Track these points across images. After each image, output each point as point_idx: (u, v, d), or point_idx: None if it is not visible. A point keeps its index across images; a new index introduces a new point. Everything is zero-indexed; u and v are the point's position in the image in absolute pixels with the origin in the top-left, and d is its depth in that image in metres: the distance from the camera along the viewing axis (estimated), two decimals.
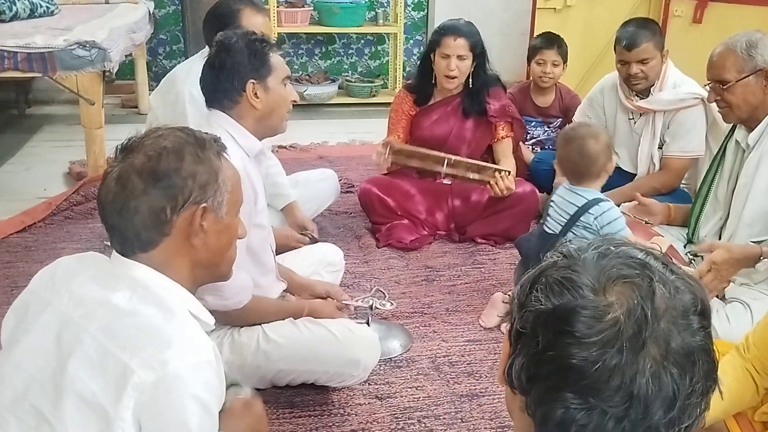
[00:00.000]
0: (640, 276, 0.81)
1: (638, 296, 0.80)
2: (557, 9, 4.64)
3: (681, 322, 0.80)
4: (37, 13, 3.95)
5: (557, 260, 0.87)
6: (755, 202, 2.28)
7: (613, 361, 0.77)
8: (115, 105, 5.13)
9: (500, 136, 3.16)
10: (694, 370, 0.80)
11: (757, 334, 1.59)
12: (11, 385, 1.19)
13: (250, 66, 1.90)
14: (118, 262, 1.28)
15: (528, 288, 0.86)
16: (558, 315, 0.80)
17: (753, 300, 2.21)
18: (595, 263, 0.83)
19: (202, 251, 1.30)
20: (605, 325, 0.78)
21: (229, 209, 1.33)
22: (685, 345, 0.79)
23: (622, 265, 0.82)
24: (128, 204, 1.23)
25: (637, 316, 0.79)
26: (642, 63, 2.94)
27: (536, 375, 0.82)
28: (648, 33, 2.94)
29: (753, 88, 2.26)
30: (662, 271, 0.83)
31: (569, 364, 0.78)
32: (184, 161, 1.26)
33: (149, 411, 1.12)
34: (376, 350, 2.06)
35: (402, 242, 3.02)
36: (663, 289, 0.81)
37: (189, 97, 2.60)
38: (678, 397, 0.78)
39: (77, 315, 1.19)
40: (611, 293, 0.80)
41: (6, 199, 3.48)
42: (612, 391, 0.77)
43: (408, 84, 3.35)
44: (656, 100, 3.02)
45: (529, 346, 0.83)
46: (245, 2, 2.63)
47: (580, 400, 0.78)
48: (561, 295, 0.81)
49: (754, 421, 1.60)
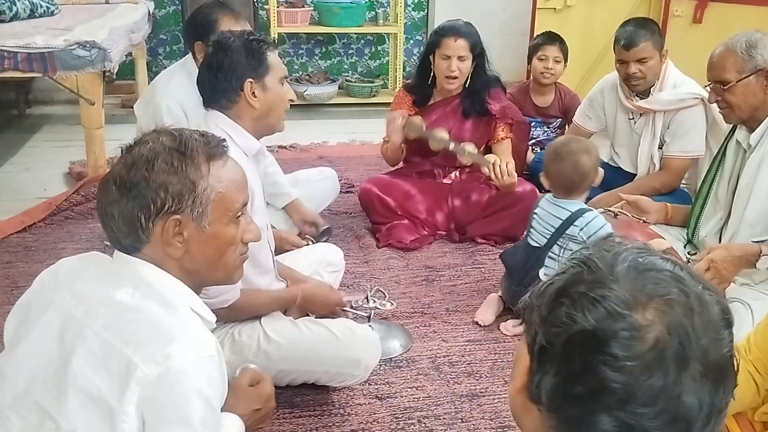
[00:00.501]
0: (678, 291, 0.78)
1: (678, 313, 0.76)
2: (557, 9, 4.64)
3: (715, 336, 0.78)
4: (37, 13, 3.95)
5: (580, 271, 0.81)
6: (757, 202, 2.28)
7: (657, 383, 0.74)
8: (116, 105, 5.13)
9: (500, 138, 3.16)
10: (726, 384, 0.78)
11: (759, 334, 1.59)
12: (14, 383, 1.20)
13: (247, 65, 1.90)
14: (120, 260, 1.29)
15: (552, 301, 0.81)
16: (595, 336, 0.75)
17: (754, 300, 2.21)
18: (629, 278, 0.78)
19: (185, 260, 1.29)
20: (646, 345, 0.75)
21: (216, 218, 1.29)
22: (719, 359, 0.77)
23: (658, 280, 0.78)
24: (107, 209, 1.26)
25: (679, 334, 0.75)
26: (640, 62, 2.95)
27: (571, 396, 0.77)
28: (646, 32, 2.95)
29: (753, 88, 2.26)
30: (693, 283, 0.80)
31: (609, 388, 0.74)
32: (155, 171, 1.24)
33: (152, 405, 1.13)
34: (376, 350, 2.06)
35: (402, 242, 3.02)
36: (697, 303, 0.78)
37: (166, 110, 2.62)
38: (713, 412, 0.77)
39: (80, 312, 1.20)
40: (650, 311, 0.76)
41: (6, 199, 3.48)
42: (655, 414, 0.75)
43: (407, 84, 3.35)
44: (656, 100, 3.02)
45: (560, 366, 0.78)
46: (224, 11, 2.64)
47: (619, 423, 0.75)
48: (596, 313, 0.76)
49: (754, 421, 1.59)
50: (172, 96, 2.62)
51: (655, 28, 3.05)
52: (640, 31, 2.94)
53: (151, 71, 5.30)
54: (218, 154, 1.31)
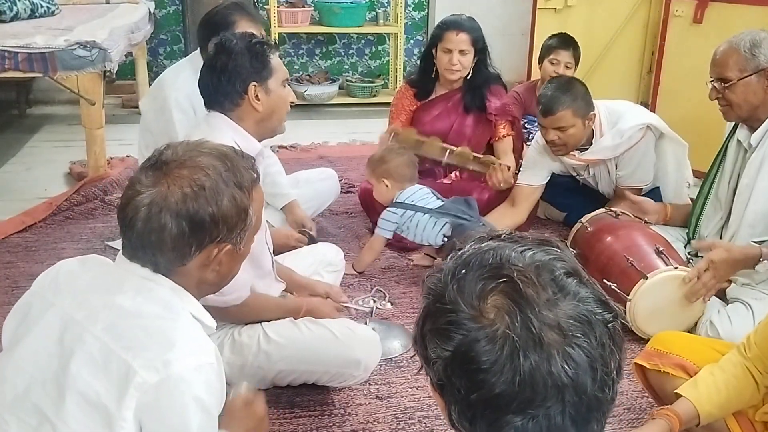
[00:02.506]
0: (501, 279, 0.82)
1: (509, 300, 0.81)
2: (557, 9, 4.63)
3: (558, 294, 0.82)
4: (37, 13, 3.95)
5: (428, 303, 0.88)
6: (757, 203, 2.28)
7: (525, 370, 0.78)
8: (116, 105, 5.13)
9: (501, 135, 3.16)
10: (594, 328, 0.81)
11: (759, 333, 1.59)
12: (12, 385, 1.19)
13: (251, 68, 1.90)
14: (123, 264, 1.28)
15: (421, 340, 0.88)
16: (460, 358, 0.81)
17: (754, 300, 2.21)
18: (460, 292, 0.83)
19: (211, 275, 1.31)
20: (501, 342, 0.79)
21: (248, 240, 1.34)
22: (575, 313, 0.81)
23: (480, 279, 0.83)
24: (156, 236, 1.22)
25: (518, 318, 0.80)
26: (560, 130, 2.74)
27: (474, 416, 0.83)
28: (567, 99, 2.70)
29: (754, 88, 2.26)
30: (516, 257, 0.84)
31: (495, 394, 0.79)
32: (221, 207, 1.24)
33: (151, 411, 1.12)
34: (376, 350, 2.06)
35: (402, 242, 3.02)
36: (525, 278, 0.82)
37: (175, 103, 2.61)
38: (595, 360, 0.80)
39: (80, 316, 1.20)
40: (488, 311, 0.81)
41: (6, 200, 3.49)
42: (542, 393, 0.79)
43: (410, 78, 3.36)
44: (601, 149, 2.83)
45: (454, 395, 0.84)
46: (242, 13, 2.63)
47: (521, 415, 0.80)
48: (451, 339, 0.82)
49: (755, 420, 1.60)
50: (181, 90, 2.62)
51: (579, 91, 2.76)
52: (561, 97, 2.70)
53: (152, 71, 5.30)
54: (258, 178, 1.35)
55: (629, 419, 2.02)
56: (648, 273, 2.29)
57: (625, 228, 2.55)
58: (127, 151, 4.04)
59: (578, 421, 0.81)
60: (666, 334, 1.88)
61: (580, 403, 0.80)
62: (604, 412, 0.83)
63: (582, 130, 2.77)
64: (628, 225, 2.58)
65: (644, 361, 1.79)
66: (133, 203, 1.22)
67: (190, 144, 1.31)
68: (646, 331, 2.31)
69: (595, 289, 0.85)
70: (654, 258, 2.35)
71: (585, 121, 2.76)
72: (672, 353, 1.75)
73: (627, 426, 1.99)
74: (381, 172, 2.72)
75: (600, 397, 0.81)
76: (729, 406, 1.58)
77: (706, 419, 1.55)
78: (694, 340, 1.92)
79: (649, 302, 2.29)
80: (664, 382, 1.74)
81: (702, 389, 1.56)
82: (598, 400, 0.81)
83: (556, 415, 0.80)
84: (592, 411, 0.81)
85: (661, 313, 2.29)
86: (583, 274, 0.86)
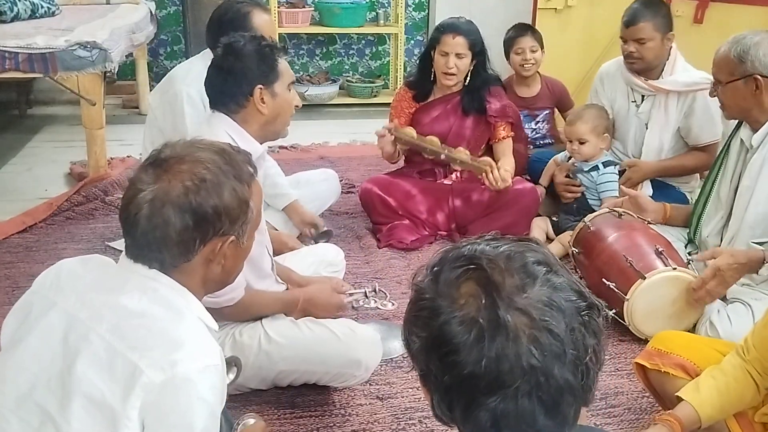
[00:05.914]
0: (471, 267, 0.88)
1: (477, 285, 0.86)
2: (558, 9, 4.63)
3: (527, 280, 0.86)
4: (38, 13, 3.95)
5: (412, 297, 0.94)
6: (758, 204, 2.28)
7: (492, 351, 0.82)
8: (116, 105, 5.13)
9: (500, 137, 3.16)
10: (565, 314, 0.84)
11: (756, 335, 1.59)
12: (15, 385, 1.19)
13: (258, 71, 1.90)
14: (126, 265, 1.27)
15: (407, 333, 0.93)
16: (433, 341, 0.87)
17: (754, 300, 2.21)
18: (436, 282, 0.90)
19: (216, 271, 1.32)
20: (469, 325, 0.84)
21: (250, 234, 1.35)
22: (544, 299, 0.84)
23: (453, 269, 0.89)
24: (159, 231, 1.22)
25: (485, 302, 0.84)
26: (638, 42, 2.88)
27: (451, 401, 0.87)
28: (649, 13, 2.87)
29: (742, 92, 2.26)
30: (489, 249, 0.90)
31: (465, 375, 0.83)
32: (223, 198, 1.25)
33: (155, 411, 1.12)
34: (377, 350, 2.06)
35: (403, 242, 3.02)
36: (495, 265, 0.87)
37: (186, 98, 2.61)
38: (564, 344, 0.83)
39: (84, 315, 1.19)
40: (460, 297, 0.86)
41: (7, 200, 3.49)
42: (509, 375, 0.82)
43: (408, 80, 3.36)
44: (671, 81, 2.95)
45: (433, 382, 0.88)
46: (251, 4, 2.64)
47: (493, 396, 0.83)
48: (427, 325, 0.88)
49: (755, 421, 1.60)
50: (192, 85, 2.61)
51: (662, 10, 2.94)
52: (643, 11, 2.87)
53: (152, 72, 5.30)
54: (255, 172, 1.36)
55: (630, 419, 2.02)
56: (646, 273, 2.29)
57: (626, 228, 2.55)
58: (128, 151, 4.04)
59: (548, 404, 0.83)
60: (667, 334, 1.88)
61: (548, 386, 0.82)
62: (577, 398, 0.85)
63: (660, 46, 2.88)
64: (630, 225, 2.57)
65: (645, 360, 1.79)
66: (135, 201, 1.23)
67: (187, 141, 1.33)
68: (643, 331, 2.31)
69: (571, 279, 0.88)
70: (653, 258, 2.35)
71: (663, 39, 2.88)
72: (672, 353, 1.75)
73: (628, 426, 1.99)
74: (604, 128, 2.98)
75: (570, 381, 0.83)
76: (730, 409, 1.58)
77: (707, 422, 1.56)
78: (694, 340, 1.92)
79: (647, 302, 2.29)
80: (665, 382, 1.74)
81: (704, 392, 1.56)
82: (569, 384, 0.83)
83: (524, 398, 0.82)
84: (562, 395, 0.83)
85: (659, 314, 2.29)
86: (557, 265, 0.89)
